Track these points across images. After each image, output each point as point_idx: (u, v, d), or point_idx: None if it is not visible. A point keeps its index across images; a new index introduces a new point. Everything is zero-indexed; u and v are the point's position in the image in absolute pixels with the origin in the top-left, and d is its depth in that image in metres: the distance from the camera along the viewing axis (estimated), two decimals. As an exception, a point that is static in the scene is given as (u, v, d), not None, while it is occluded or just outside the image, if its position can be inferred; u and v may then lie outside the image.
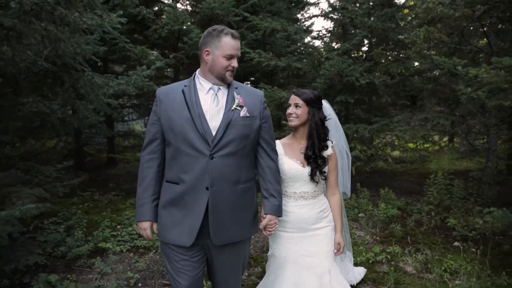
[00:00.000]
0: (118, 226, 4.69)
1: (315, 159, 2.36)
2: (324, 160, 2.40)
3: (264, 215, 2.15)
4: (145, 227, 2.07)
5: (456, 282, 3.24)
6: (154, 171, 2.08)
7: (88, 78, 2.82)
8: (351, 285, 2.92)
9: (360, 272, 3.38)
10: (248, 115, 2.02)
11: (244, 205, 2.08)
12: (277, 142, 2.44)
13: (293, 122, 2.38)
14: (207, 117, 1.97)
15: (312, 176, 2.36)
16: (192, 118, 1.94)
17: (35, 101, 2.77)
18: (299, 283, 2.34)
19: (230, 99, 2.01)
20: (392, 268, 3.59)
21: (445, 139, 9.60)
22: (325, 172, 2.41)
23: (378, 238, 4.50)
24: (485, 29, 4.90)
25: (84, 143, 9.61)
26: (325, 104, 2.53)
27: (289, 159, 2.39)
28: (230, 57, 1.97)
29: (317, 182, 2.38)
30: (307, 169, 2.36)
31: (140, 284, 3.35)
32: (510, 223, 2.98)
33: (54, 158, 9.18)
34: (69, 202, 5.70)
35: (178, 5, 8.24)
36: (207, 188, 1.93)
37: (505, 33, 5.42)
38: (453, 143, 10.12)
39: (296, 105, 2.36)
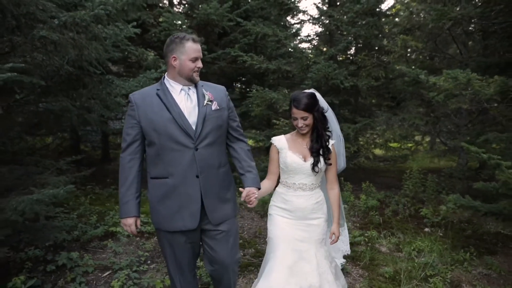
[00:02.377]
0: (117, 217, 5.13)
1: (319, 150, 2.53)
2: (329, 149, 2.56)
3: (242, 189, 2.32)
4: (130, 223, 2.22)
5: (422, 259, 3.78)
6: (136, 170, 2.23)
7: (109, 81, 3.25)
8: (344, 256, 3.34)
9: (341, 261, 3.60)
10: (218, 107, 2.26)
11: (227, 186, 2.34)
12: (282, 137, 2.65)
13: (305, 130, 2.52)
14: (186, 114, 2.18)
15: (313, 166, 2.51)
16: (174, 118, 2.14)
17: (62, 100, 3.20)
18: (291, 264, 2.49)
19: (200, 96, 2.23)
20: (368, 248, 4.12)
21: (427, 139, 10.23)
22: (329, 159, 2.56)
23: (358, 225, 5.04)
24: (454, 39, 5.47)
25: (80, 141, 9.96)
26: (317, 95, 2.63)
27: (293, 153, 2.55)
28: (195, 59, 2.16)
29: (317, 172, 2.53)
30: (308, 163, 2.53)
31: (149, 262, 3.81)
32: (461, 205, 3.51)
33: (50, 154, 9.49)
34: (73, 195, 6.09)
35: (175, 9, 8.67)
36: (197, 176, 2.17)
37: (475, 42, 6.03)
38: (432, 143, 10.78)
39: (303, 118, 2.47)
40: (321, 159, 2.54)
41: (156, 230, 2.39)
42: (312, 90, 2.60)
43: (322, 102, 2.65)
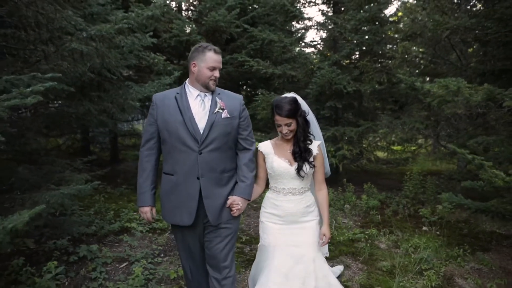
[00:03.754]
0: (134, 213, 5.41)
1: (300, 153, 2.54)
2: (309, 151, 2.56)
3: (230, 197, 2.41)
4: (146, 211, 2.45)
5: (418, 254, 4.02)
6: (152, 164, 2.44)
7: (128, 86, 3.54)
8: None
9: (339, 268, 3.63)
10: (228, 116, 2.35)
11: (231, 190, 2.42)
12: (268, 142, 2.68)
13: (289, 136, 2.55)
14: (196, 119, 2.30)
15: (298, 170, 2.53)
16: (184, 121, 2.28)
17: (85, 104, 3.50)
18: (286, 271, 2.49)
19: (213, 104, 2.35)
20: (368, 244, 4.36)
21: (430, 142, 10.43)
22: (312, 162, 2.56)
23: (359, 223, 5.29)
24: (453, 47, 5.72)
25: (90, 142, 10.30)
26: (299, 99, 2.62)
27: (278, 158, 2.57)
28: (212, 69, 2.30)
29: (303, 177, 2.54)
30: (293, 167, 2.54)
31: (162, 255, 4.08)
32: (454, 203, 3.75)
33: (61, 155, 9.82)
34: (89, 193, 6.39)
35: (183, 14, 8.99)
36: (198, 178, 2.30)
37: (474, 50, 6.27)
38: (434, 146, 10.97)
39: (287, 124, 2.49)
40: (305, 163, 2.54)
41: None
42: (292, 94, 2.61)
43: (304, 105, 2.64)
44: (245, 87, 11.03)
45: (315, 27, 9.20)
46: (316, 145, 2.61)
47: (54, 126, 4.65)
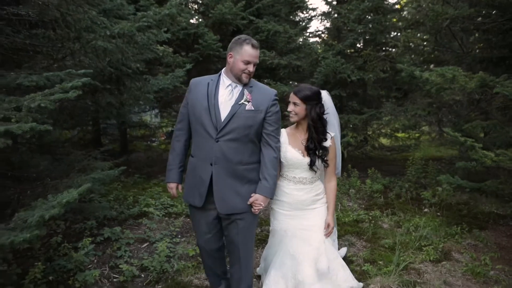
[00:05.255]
0: (150, 199, 5.73)
1: (315, 150, 2.56)
2: (325, 150, 2.58)
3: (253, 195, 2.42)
4: (172, 186, 2.61)
5: (418, 233, 4.29)
6: (181, 144, 2.56)
7: (146, 80, 3.80)
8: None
9: (344, 250, 3.76)
10: (253, 108, 2.35)
11: (247, 183, 2.42)
12: (283, 131, 2.66)
13: (293, 118, 2.60)
14: (221, 108, 2.34)
15: (311, 166, 2.57)
16: (209, 108, 2.33)
17: (107, 97, 3.77)
18: (298, 253, 2.58)
19: (240, 95, 2.37)
20: (372, 225, 4.64)
21: (435, 128, 10.61)
22: (327, 160, 2.61)
23: (363, 206, 5.56)
24: (454, 35, 5.90)
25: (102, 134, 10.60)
26: (325, 96, 2.67)
27: (292, 148, 2.60)
28: (247, 63, 2.32)
29: (315, 172, 2.61)
30: (306, 159, 2.57)
31: (179, 236, 4.39)
32: (450, 183, 4.00)
33: (74, 147, 10.14)
34: (112, 179, 6.72)
35: (190, 6, 9.19)
36: (211, 164, 2.36)
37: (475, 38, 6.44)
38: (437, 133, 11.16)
39: (294, 104, 2.53)
40: (317, 159, 2.57)
41: None
42: (321, 90, 2.66)
43: (327, 102, 2.66)
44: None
45: (319, 16, 9.40)
46: (330, 137, 2.64)
47: (72, 118, 4.95)
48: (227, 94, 2.38)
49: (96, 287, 3.15)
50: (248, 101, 2.34)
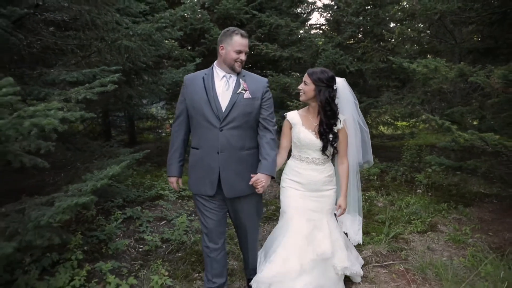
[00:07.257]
0: (165, 184, 6.20)
1: (326, 135, 2.63)
2: (336, 135, 2.65)
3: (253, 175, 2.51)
4: (172, 180, 2.74)
5: (409, 209, 4.74)
6: (181, 139, 2.66)
7: (162, 74, 4.22)
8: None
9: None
10: (250, 96, 2.49)
11: (249, 167, 2.55)
12: (295, 112, 2.78)
13: (301, 97, 2.68)
14: (220, 99, 2.46)
15: (323, 151, 2.66)
16: (208, 99, 2.45)
17: (127, 89, 4.20)
18: (305, 233, 2.68)
19: (237, 85, 2.49)
20: (367, 203, 5.10)
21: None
22: (336, 147, 2.69)
23: (360, 188, 6.00)
24: (445, 27, 6.28)
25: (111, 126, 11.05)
26: (340, 83, 2.73)
27: (306, 129, 2.68)
28: (239, 52, 2.44)
29: (328, 156, 2.68)
30: (319, 141, 2.66)
31: (193, 215, 4.86)
32: (437, 163, 4.43)
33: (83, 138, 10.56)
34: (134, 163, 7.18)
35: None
36: (218, 153, 2.48)
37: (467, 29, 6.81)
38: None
39: (305, 82, 2.63)
40: (329, 145, 2.66)
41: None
42: (337, 77, 2.74)
43: (339, 90, 2.73)
44: (254, 68, 11.67)
45: (320, 9, 9.76)
46: (342, 119, 2.70)
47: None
48: (223, 85, 2.51)
49: (125, 255, 3.64)
50: (245, 90, 2.49)
